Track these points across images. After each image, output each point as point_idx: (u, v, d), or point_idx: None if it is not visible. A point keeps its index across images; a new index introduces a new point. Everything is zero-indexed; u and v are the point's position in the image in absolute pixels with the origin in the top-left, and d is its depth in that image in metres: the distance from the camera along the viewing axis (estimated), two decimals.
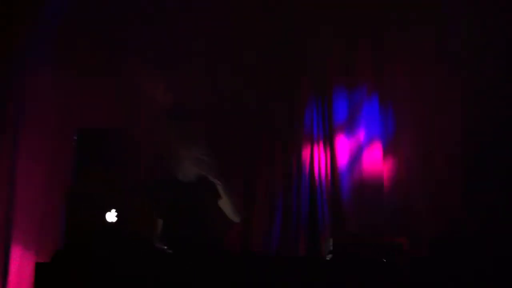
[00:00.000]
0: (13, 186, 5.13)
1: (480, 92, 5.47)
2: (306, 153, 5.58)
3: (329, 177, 5.53)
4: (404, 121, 5.58)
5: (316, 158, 5.57)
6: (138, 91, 5.51)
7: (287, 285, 3.58)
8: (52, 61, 5.44)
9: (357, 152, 5.56)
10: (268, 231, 5.31)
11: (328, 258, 4.00)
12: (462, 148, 5.44)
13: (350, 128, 5.63)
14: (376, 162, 5.52)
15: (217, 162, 4.61)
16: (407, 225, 5.19)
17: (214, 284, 3.58)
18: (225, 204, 4.61)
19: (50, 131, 5.31)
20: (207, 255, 3.88)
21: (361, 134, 5.63)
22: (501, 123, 5.35)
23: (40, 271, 3.53)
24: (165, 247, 4.07)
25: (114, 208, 4.11)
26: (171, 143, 5.36)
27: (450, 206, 5.28)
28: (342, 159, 5.57)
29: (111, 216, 4.10)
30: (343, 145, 5.61)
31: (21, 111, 5.30)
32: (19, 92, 5.33)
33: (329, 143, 5.62)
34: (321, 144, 5.61)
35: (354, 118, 5.63)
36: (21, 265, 5.00)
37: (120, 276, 3.52)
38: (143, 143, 5.23)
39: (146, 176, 5.27)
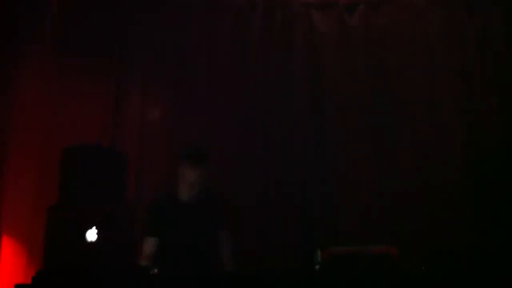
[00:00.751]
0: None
1: (482, 94, 5.44)
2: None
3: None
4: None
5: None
6: (126, 107, 5.51)
7: None
8: (39, 77, 5.40)
9: None
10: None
11: (316, 268, 3.93)
12: (461, 158, 5.39)
13: None
14: None
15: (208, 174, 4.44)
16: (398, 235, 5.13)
17: None
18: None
19: (36, 149, 5.26)
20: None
21: None
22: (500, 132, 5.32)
23: None
24: (154, 267, 3.92)
25: (96, 226, 4.00)
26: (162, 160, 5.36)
27: (446, 217, 5.24)
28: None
29: (92, 235, 4.00)
30: None
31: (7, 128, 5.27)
32: (6, 107, 5.30)
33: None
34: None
35: None
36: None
37: None
38: (131, 161, 5.18)
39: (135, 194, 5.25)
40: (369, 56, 5.65)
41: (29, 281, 3.46)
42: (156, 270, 3.72)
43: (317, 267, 3.94)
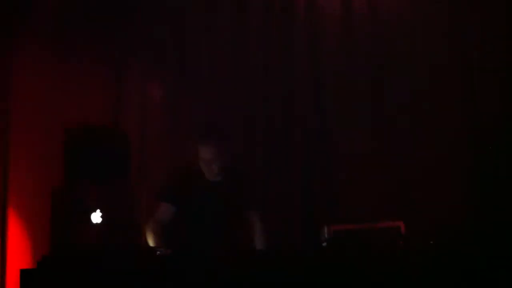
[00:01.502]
0: (5, 188, 5.04)
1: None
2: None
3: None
4: None
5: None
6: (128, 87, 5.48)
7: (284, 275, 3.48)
8: (40, 59, 5.34)
9: None
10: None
11: (324, 245, 3.92)
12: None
13: None
14: None
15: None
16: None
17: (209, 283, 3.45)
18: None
19: (39, 131, 5.20)
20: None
21: None
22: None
23: (25, 278, 3.37)
24: (160, 249, 3.89)
25: (100, 209, 3.98)
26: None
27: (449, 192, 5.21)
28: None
29: (96, 217, 3.98)
30: None
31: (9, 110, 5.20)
32: (7, 91, 5.23)
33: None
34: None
35: None
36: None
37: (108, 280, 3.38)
38: (135, 141, 5.16)
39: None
40: (371, 40, 5.62)
41: (35, 265, 3.45)
42: (162, 251, 3.70)
43: (324, 244, 3.93)
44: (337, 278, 3.40)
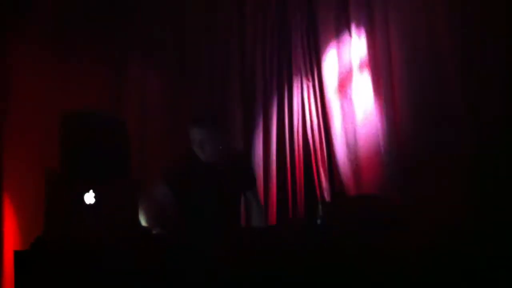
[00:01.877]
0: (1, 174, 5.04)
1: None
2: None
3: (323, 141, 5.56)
4: None
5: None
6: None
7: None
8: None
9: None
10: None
11: (318, 222, 3.96)
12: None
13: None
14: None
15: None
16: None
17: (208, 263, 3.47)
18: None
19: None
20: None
21: None
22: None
23: (19, 259, 3.43)
24: (155, 229, 3.91)
25: (94, 190, 3.96)
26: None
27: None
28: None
29: (89, 198, 3.96)
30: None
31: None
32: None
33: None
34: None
35: None
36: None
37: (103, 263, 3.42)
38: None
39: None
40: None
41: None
42: (157, 231, 3.73)
43: (318, 221, 3.98)
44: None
